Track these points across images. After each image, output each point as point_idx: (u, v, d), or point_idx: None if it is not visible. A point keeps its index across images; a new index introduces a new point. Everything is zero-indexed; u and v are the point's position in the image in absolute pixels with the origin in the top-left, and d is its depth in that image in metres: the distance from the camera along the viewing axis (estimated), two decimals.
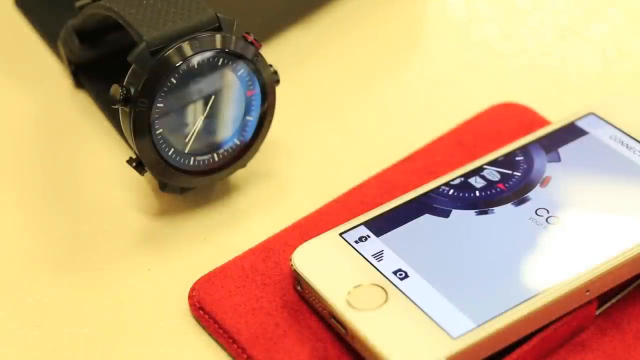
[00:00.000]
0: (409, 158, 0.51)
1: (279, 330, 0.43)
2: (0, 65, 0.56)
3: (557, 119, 0.51)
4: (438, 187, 0.47)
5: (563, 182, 0.47)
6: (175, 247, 0.47)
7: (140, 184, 0.50)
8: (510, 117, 0.53)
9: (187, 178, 0.47)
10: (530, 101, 0.54)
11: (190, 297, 0.45)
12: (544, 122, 0.52)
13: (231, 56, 0.46)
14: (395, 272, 0.43)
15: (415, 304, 0.42)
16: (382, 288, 0.43)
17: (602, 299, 0.44)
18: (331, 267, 0.44)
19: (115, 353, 0.44)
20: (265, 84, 0.47)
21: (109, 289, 0.46)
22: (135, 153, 0.46)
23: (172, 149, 0.46)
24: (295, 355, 0.42)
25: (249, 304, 0.44)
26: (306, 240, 0.45)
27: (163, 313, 0.45)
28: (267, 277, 0.45)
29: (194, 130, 0.47)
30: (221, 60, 0.46)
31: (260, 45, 0.47)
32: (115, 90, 0.45)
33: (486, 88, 0.56)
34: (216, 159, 0.48)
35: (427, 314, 0.41)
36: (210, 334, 0.44)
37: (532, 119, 0.52)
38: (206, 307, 0.44)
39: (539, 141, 0.49)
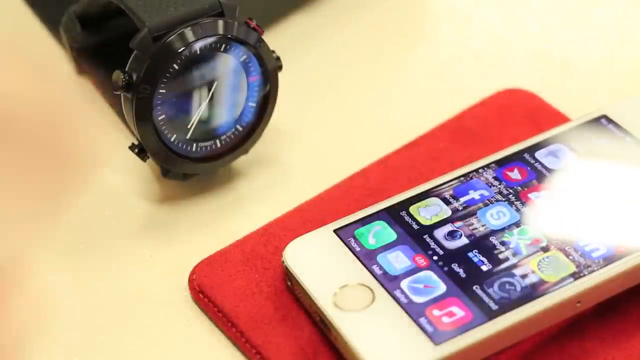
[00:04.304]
0: (413, 143, 0.50)
1: (278, 315, 0.43)
2: (3, 51, 0.56)
3: (564, 111, 0.51)
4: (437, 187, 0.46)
5: (562, 189, 0.46)
6: (177, 233, 0.47)
7: (143, 170, 0.50)
8: (514, 102, 0.52)
9: (189, 164, 0.47)
10: (535, 86, 0.53)
11: (190, 280, 0.45)
12: (548, 108, 0.52)
13: (233, 42, 0.46)
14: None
15: (401, 306, 0.41)
16: (369, 288, 0.42)
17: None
18: (321, 265, 0.43)
19: (118, 339, 0.44)
20: (268, 70, 0.47)
21: (111, 275, 0.46)
22: (138, 139, 0.46)
23: (175, 135, 0.46)
24: (294, 339, 0.42)
25: (249, 287, 0.44)
26: (305, 229, 0.44)
27: (165, 299, 0.45)
28: (267, 261, 0.45)
29: (196, 117, 0.46)
30: (223, 46, 0.46)
31: (263, 32, 0.47)
32: (117, 76, 0.45)
33: (491, 73, 0.56)
34: (218, 145, 0.48)
35: (411, 317, 0.41)
36: (210, 318, 0.44)
37: (536, 105, 0.52)
38: (206, 290, 0.44)
39: (549, 142, 0.47)
